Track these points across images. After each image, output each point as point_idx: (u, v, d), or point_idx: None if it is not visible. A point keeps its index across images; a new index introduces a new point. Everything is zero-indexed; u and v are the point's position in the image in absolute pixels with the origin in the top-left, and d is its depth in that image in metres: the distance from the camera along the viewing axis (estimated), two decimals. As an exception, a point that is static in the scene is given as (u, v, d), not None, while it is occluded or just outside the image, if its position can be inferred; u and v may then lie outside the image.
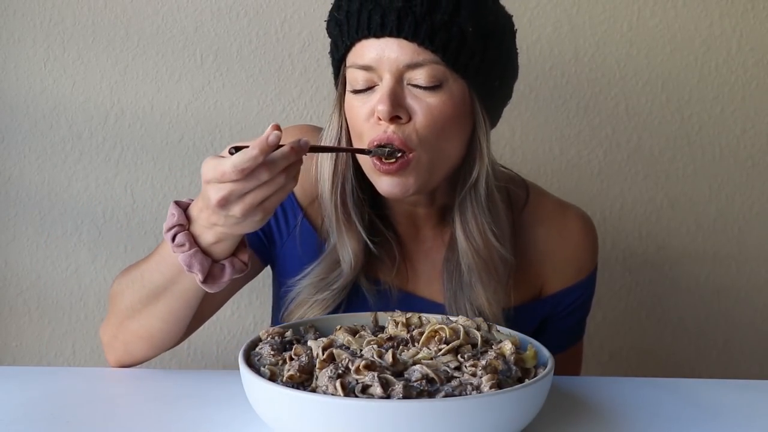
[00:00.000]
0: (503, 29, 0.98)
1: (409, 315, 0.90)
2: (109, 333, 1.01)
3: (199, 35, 1.47)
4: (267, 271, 1.23)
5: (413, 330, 0.86)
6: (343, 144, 1.00)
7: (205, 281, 0.87)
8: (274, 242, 1.08)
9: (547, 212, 1.10)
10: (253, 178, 0.80)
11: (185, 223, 0.88)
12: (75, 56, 1.46)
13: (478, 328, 0.87)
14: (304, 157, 1.03)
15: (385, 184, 0.95)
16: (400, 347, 0.82)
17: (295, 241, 1.05)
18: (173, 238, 0.87)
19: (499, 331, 0.89)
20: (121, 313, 0.98)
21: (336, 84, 1.01)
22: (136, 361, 1.01)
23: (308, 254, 1.04)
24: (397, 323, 0.88)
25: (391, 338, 0.84)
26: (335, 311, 1.01)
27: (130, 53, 1.47)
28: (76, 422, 0.83)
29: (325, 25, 1.00)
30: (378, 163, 0.93)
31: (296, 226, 1.05)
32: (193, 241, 0.87)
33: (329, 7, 1.46)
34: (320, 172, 1.01)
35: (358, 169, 1.00)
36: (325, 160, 1.00)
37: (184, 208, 0.89)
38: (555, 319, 1.12)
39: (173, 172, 1.50)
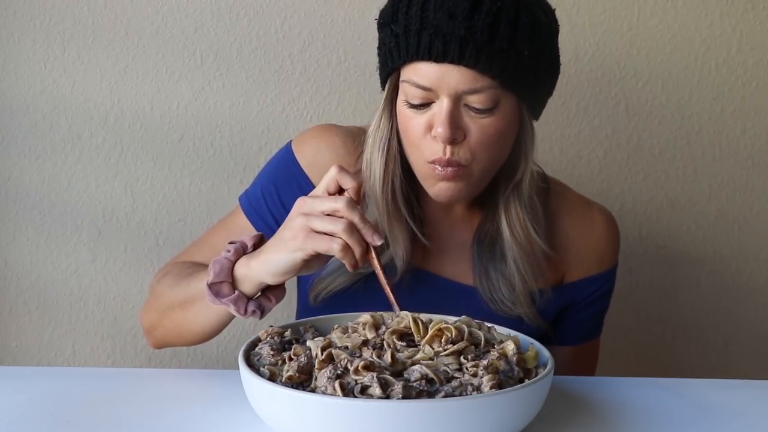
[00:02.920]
0: (553, 39, 1.01)
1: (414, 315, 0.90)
2: (148, 322, 1.09)
3: (199, 35, 1.47)
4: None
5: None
6: (394, 146, 1.02)
7: (210, 287, 0.93)
8: None
9: (571, 203, 1.14)
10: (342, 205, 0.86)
11: (246, 248, 0.96)
12: (75, 56, 1.46)
13: (479, 329, 0.87)
14: (325, 151, 1.09)
15: (437, 188, 0.99)
16: (404, 341, 0.82)
17: None
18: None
19: (498, 332, 0.89)
20: (161, 307, 1.06)
21: (383, 84, 1.03)
22: (172, 346, 1.10)
23: None
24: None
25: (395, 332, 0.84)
26: (354, 284, 1.04)
27: (130, 53, 1.47)
28: (76, 422, 0.83)
29: (324, 24, 1.00)
30: (438, 169, 0.97)
31: None
32: (235, 258, 0.94)
33: (329, 7, 1.48)
34: (371, 171, 1.03)
35: (404, 163, 1.04)
36: (377, 159, 1.03)
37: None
38: (574, 310, 1.14)
39: (173, 172, 1.50)
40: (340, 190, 0.91)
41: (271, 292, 0.96)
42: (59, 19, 1.45)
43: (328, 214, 0.87)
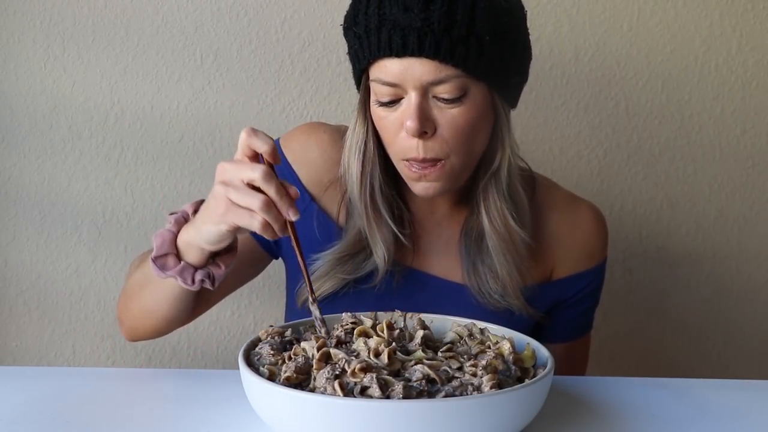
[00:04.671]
0: (517, 23, 1.00)
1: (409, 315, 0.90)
2: (120, 311, 1.09)
3: (199, 35, 1.47)
4: (268, 273, 1.23)
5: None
6: (371, 148, 1.02)
7: (155, 260, 0.92)
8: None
9: (559, 199, 1.14)
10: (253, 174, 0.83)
11: (188, 217, 0.94)
12: (75, 56, 1.46)
13: (471, 334, 0.87)
14: (314, 147, 1.08)
15: (419, 186, 0.99)
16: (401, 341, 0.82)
17: (310, 227, 1.07)
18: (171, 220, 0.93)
19: (492, 333, 0.89)
20: (127, 291, 1.06)
21: (357, 87, 1.03)
22: (145, 336, 1.08)
23: (327, 240, 1.06)
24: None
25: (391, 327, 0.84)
26: (342, 289, 1.04)
27: (130, 53, 1.47)
28: (76, 422, 0.83)
29: (324, 24, 1.00)
30: (415, 168, 0.97)
31: (304, 210, 1.07)
32: (176, 229, 0.93)
33: (329, 7, 1.48)
34: (349, 175, 1.04)
35: (384, 163, 1.04)
36: (354, 162, 1.03)
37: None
38: (564, 306, 1.14)
39: (173, 172, 1.50)
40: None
41: (221, 258, 0.93)
42: (59, 19, 1.45)
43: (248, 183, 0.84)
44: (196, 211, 0.93)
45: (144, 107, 1.48)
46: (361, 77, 1.00)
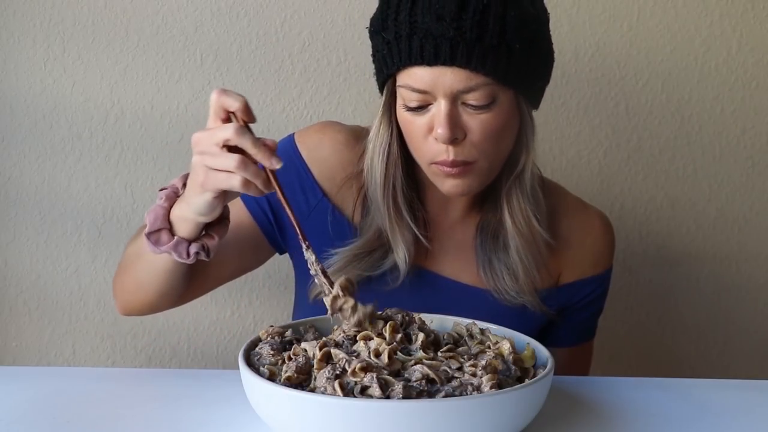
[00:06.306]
0: (544, 28, 1.01)
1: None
2: (115, 282, 1.08)
3: (199, 35, 1.47)
4: (269, 273, 1.23)
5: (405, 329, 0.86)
6: (395, 151, 1.03)
7: (149, 236, 0.90)
8: (286, 227, 1.09)
9: (568, 205, 1.14)
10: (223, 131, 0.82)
11: (178, 192, 0.92)
12: (75, 56, 1.46)
13: (471, 334, 0.87)
14: (327, 145, 1.08)
15: (448, 185, 1.00)
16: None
17: (323, 223, 1.08)
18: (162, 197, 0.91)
19: (493, 333, 0.89)
20: (122, 265, 1.05)
21: (381, 90, 1.03)
22: (138, 311, 1.06)
23: (339, 236, 1.07)
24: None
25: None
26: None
27: (130, 53, 1.47)
28: (76, 422, 0.83)
29: (324, 24, 0.99)
30: (445, 168, 0.98)
31: (317, 206, 1.08)
32: (168, 205, 0.90)
33: (329, 7, 1.48)
34: (373, 177, 1.04)
35: (406, 166, 1.04)
36: (378, 165, 1.03)
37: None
38: (569, 312, 1.14)
39: (173, 172, 1.50)
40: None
41: (214, 230, 0.92)
42: (59, 19, 1.45)
43: (224, 145, 0.82)
44: (185, 185, 0.91)
45: (144, 107, 1.48)
46: (386, 81, 1.01)
